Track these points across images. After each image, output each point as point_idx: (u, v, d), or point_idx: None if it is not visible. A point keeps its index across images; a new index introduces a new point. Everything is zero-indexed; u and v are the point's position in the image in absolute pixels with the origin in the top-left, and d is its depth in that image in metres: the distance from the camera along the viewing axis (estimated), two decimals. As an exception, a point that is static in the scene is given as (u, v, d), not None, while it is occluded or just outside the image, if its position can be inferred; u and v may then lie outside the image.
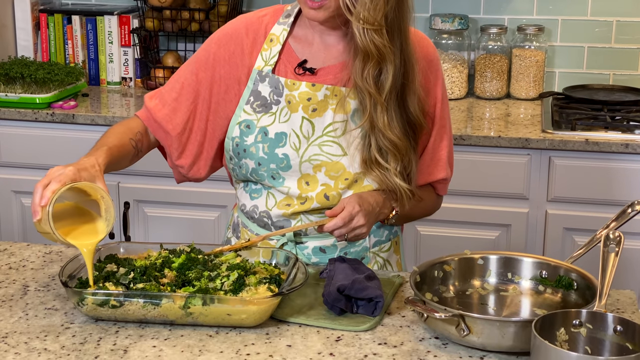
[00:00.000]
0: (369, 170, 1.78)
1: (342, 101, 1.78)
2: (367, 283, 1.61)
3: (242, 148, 1.82)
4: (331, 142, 1.79)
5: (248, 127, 1.82)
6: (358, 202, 1.75)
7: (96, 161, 1.68)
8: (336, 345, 1.52)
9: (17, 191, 3.25)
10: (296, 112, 1.80)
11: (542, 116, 3.08)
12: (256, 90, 1.83)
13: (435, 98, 1.84)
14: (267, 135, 1.81)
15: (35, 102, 3.15)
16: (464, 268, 1.69)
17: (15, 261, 1.87)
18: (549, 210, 2.91)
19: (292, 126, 1.80)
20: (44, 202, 1.56)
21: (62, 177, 1.59)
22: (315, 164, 1.80)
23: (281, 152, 1.80)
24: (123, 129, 1.86)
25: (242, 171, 1.84)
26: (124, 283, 1.59)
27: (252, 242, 1.76)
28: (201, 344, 1.52)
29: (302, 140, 1.80)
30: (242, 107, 1.83)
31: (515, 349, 1.47)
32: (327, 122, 1.80)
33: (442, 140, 1.87)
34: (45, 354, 1.49)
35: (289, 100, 1.80)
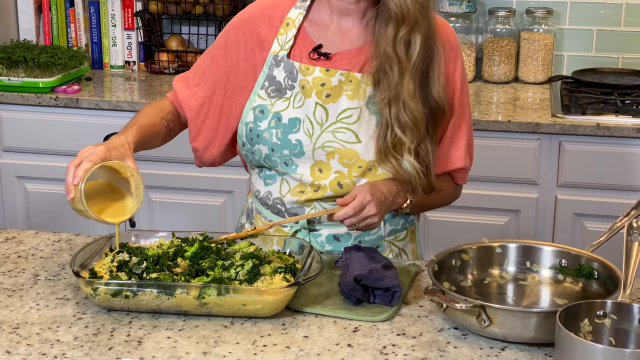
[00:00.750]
0: (384, 161, 1.74)
1: (357, 87, 1.75)
2: (384, 272, 1.59)
3: (256, 133, 1.79)
4: (345, 129, 1.76)
5: (262, 112, 1.80)
6: (370, 191, 1.72)
7: (126, 140, 1.70)
8: (354, 336, 1.49)
9: (21, 176, 3.21)
10: (310, 98, 1.77)
11: (551, 100, 3.04)
12: (271, 75, 1.80)
13: (454, 86, 1.81)
14: (281, 121, 1.78)
15: (39, 86, 3.12)
16: (482, 257, 1.66)
17: (24, 250, 1.84)
18: (559, 196, 2.88)
19: (306, 112, 1.77)
20: (76, 181, 1.59)
21: (93, 157, 1.62)
22: (328, 151, 1.77)
23: (294, 138, 1.77)
24: (154, 109, 1.88)
25: (255, 157, 1.81)
26: (137, 273, 1.56)
27: (261, 229, 1.73)
28: (216, 334, 1.49)
29: (316, 127, 1.77)
30: (257, 92, 1.81)
31: (537, 340, 1.44)
32: (341, 109, 1.77)
33: (461, 129, 1.84)
34: (58, 345, 1.46)
35: (303, 86, 1.77)
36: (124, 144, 1.69)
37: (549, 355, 1.43)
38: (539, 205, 2.90)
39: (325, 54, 1.78)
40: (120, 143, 1.69)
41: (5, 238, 1.90)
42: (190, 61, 3.43)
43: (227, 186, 3.08)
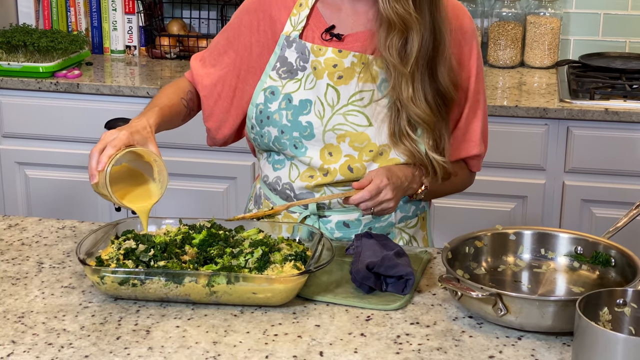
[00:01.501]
0: (397, 143, 1.71)
1: (369, 69, 1.71)
2: (397, 260, 1.55)
3: (266, 115, 1.76)
4: (356, 112, 1.73)
5: (272, 94, 1.76)
6: (386, 175, 1.69)
7: (147, 122, 1.68)
8: (367, 325, 1.46)
9: (21, 162, 3.17)
10: (321, 79, 1.73)
11: (558, 85, 3.00)
12: (283, 55, 1.76)
13: (469, 71, 1.77)
14: (292, 102, 1.74)
15: (39, 71, 3.07)
16: (496, 244, 1.63)
17: (28, 237, 1.80)
18: (567, 182, 2.85)
19: (317, 93, 1.73)
20: (100, 166, 1.58)
21: (116, 142, 1.60)
22: (339, 134, 1.73)
23: (305, 120, 1.73)
24: (173, 89, 1.86)
25: (264, 140, 1.77)
26: (144, 261, 1.53)
27: (276, 210, 1.70)
28: (226, 324, 1.46)
29: (327, 109, 1.73)
30: (268, 73, 1.77)
31: (554, 329, 1.41)
32: (352, 91, 1.73)
33: (476, 116, 1.80)
34: (64, 334, 1.43)
35: (315, 67, 1.73)
36: (146, 127, 1.66)
37: (566, 345, 1.40)
38: (546, 192, 2.86)
39: (338, 35, 1.74)
40: (142, 126, 1.66)
41: (9, 225, 1.86)
42: (192, 46, 3.39)
43: (231, 172, 3.04)
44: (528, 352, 1.39)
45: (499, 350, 1.39)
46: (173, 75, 3.18)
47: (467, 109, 1.79)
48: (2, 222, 1.88)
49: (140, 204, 1.64)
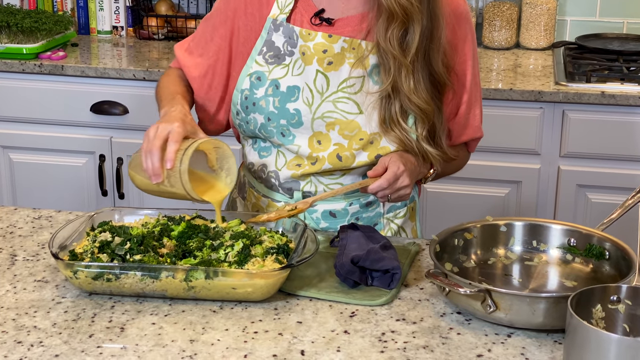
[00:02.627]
0: (388, 131, 1.65)
1: (361, 56, 1.64)
2: (383, 253, 1.49)
3: (252, 101, 1.69)
4: (346, 99, 1.66)
5: (259, 79, 1.69)
6: (401, 161, 1.64)
7: (185, 109, 1.60)
8: (350, 322, 1.40)
9: (5, 146, 3.11)
10: (310, 65, 1.66)
11: (554, 67, 2.94)
12: (270, 40, 1.69)
13: (464, 55, 1.70)
14: (279, 89, 1.67)
15: (22, 52, 3.00)
16: (486, 236, 1.57)
17: (2, 227, 1.74)
18: (562, 166, 2.79)
19: (306, 79, 1.67)
20: (169, 165, 1.50)
21: (176, 136, 1.51)
22: (328, 122, 1.67)
23: (292, 107, 1.67)
24: (174, 78, 1.77)
25: (250, 127, 1.71)
26: (119, 254, 1.47)
27: (300, 209, 1.62)
28: (204, 320, 1.40)
29: (316, 95, 1.66)
30: (254, 58, 1.70)
31: (545, 327, 1.35)
32: (343, 77, 1.66)
33: (477, 100, 1.77)
34: (34, 332, 1.37)
35: (304, 52, 1.66)
36: (187, 114, 1.58)
37: (558, 343, 1.35)
38: (541, 177, 2.80)
39: (327, 20, 1.67)
40: (183, 114, 1.57)
41: (-17, 215, 1.80)
42: (180, 26, 3.31)
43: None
44: (518, 350, 1.33)
45: (488, 348, 1.33)
46: (161, 57, 3.10)
47: (468, 94, 1.74)
48: (-24, 211, 1.82)
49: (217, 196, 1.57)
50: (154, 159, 1.50)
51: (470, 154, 1.90)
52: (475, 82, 1.76)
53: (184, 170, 1.50)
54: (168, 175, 1.51)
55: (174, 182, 1.52)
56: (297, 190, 1.72)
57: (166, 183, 1.53)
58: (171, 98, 1.65)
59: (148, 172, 1.52)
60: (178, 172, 1.50)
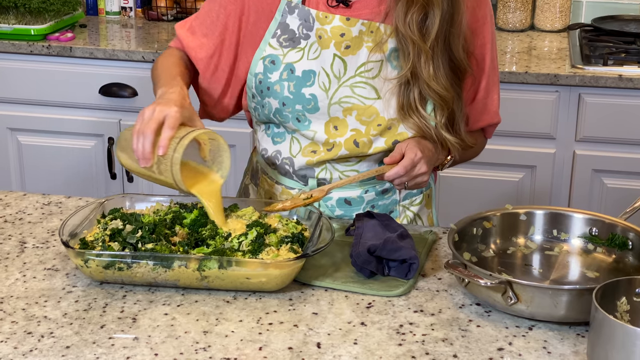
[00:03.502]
0: (406, 117, 1.61)
1: (379, 40, 1.60)
2: (400, 243, 1.46)
3: (266, 86, 1.65)
4: (364, 84, 1.62)
5: (273, 63, 1.64)
6: (419, 147, 1.60)
7: (184, 92, 1.53)
8: (367, 313, 1.37)
9: (13, 128, 3.08)
10: (327, 49, 1.61)
11: (570, 50, 2.89)
12: (284, 22, 1.64)
13: (483, 38, 1.66)
14: (294, 73, 1.63)
15: (30, 33, 2.96)
16: (506, 224, 1.53)
17: (11, 213, 1.71)
18: (577, 151, 2.74)
19: (322, 64, 1.62)
20: (161, 151, 1.43)
21: (173, 121, 1.44)
22: (345, 107, 1.63)
23: (308, 92, 1.62)
24: (173, 58, 1.69)
25: (265, 111, 1.67)
26: (131, 243, 1.44)
27: (315, 198, 1.57)
28: (218, 311, 1.37)
29: (333, 80, 1.62)
30: (268, 41, 1.65)
31: (568, 319, 1.32)
32: (360, 62, 1.62)
33: (495, 84, 1.72)
34: (45, 322, 1.34)
35: (320, 35, 1.62)
36: (185, 98, 1.51)
37: (581, 336, 1.31)
38: (556, 161, 2.76)
39: (345, 2, 1.62)
40: (182, 97, 1.50)
41: (-9, 200, 1.77)
42: (190, 7, 3.27)
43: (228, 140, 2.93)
44: (540, 343, 1.30)
45: (509, 341, 1.30)
46: (170, 38, 3.06)
47: (487, 79, 1.71)
48: (-15, 197, 1.79)
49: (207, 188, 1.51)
50: (146, 141, 1.44)
51: (487, 140, 1.85)
52: (494, 66, 1.72)
53: (176, 161, 1.43)
54: (158, 161, 1.45)
55: (164, 170, 1.45)
56: (311, 177, 1.68)
57: (154, 169, 1.46)
58: (171, 78, 1.59)
59: (137, 154, 1.45)
60: (170, 161, 1.43)
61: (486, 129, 1.80)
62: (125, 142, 1.52)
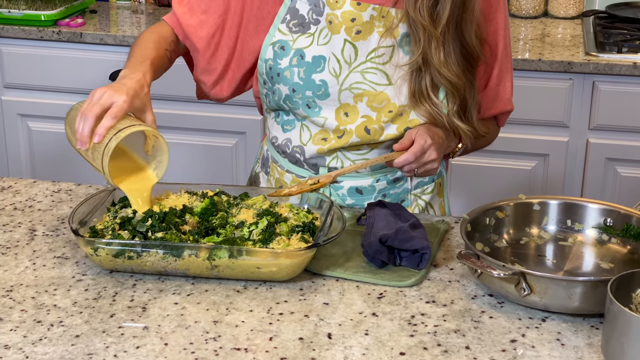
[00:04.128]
0: (417, 104, 1.59)
1: (390, 25, 1.58)
2: (412, 232, 1.44)
3: (276, 72, 1.63)
4: (375, 70, 1.60)
5: (282, 49, 1.62)
6: (429, 134, 1.58)
7: (145, 81, 1.51)
8: (379, 304, 1.36)
9: (24, 114, 3.07)
10: (338, 34, 1.60)
11: (584, 37, 2.86)
12: (293, 7, 1.62)
13: (496, 24, 1.64)
14: (304, 59, 1.61)
15: (40, 19, 2.95)
16: (519, 214, 1.52)
17: (20, 201, 1.70)
18: (591, 139, 2.72)
19: (332, 49, 1.60)
20: (97, 139, 1.42)
21: (117, 111, 1.43)
22: (356, 93, 1.61)
23: (319, 78, 1.61)
24: (157, 37, 1.64)
25: (275, 98, 1.65)
26: (141, 231, 1.43)
27: (322, 183, 1.56)
28: (228, 300, 1.36)
29: (343, 66, 1.60)
30: (277, 26, 1.63)
31: (582, 311, 1.30)
32: (371, 47, 1.60)
33: (508, 72, 1.70)
34: (54, 311, 1.33)
35: (330, 20, 1.60)
36: (144, 87, 1.49)
37: (595, 328, 1.30)
38: (569, 149, 2.74)
39: None
40: (140, 87, 1.48)
41: (1, 187, 1.76)
42: (200, -7, 3.24)
43: (239, 127, 2.93)
44: (553, 335, 1.28)
45: (522, 333, 1.29)
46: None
47: (499, 66, 1.69)
48: (-5, 184, 1.78)
49: (135, 185, 1.49)
50: (85, 125, 1.43)
51: (500, 128, 1.83)
52: (507, 52, 1.70)
53: (107, 152, 1.41)
54: (93, 147, 1.44)
55: (96, 157, 1.44)
56: (322, 166, 1.67)
57: (89, 154, 1.46)
58: (139, 62, 1.55)
59: (77, 134, 1.44)
60: (102, 151, 1.42)
61: (499, 117, 1.78)
62: (72, 116, 1.52)
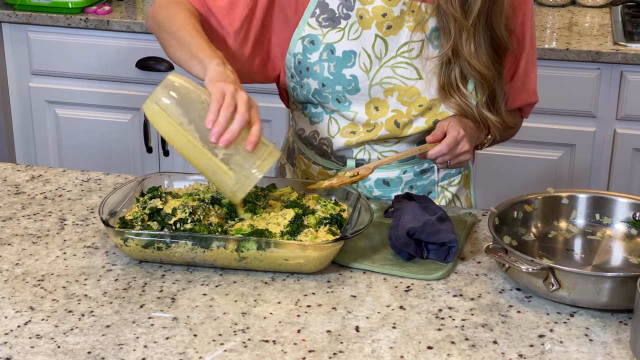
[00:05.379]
0: (447, 97, 1.59)
1: (420, 18, 1.58)
2: (440, 225, 1.44)
3: (305, 66, 1.63)
4: (405, 64, 1.60)
5: (312, 43, 1.62)
6: (461, 125, 1.58)
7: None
8: (406, 297, 1.36)
9: (51, 101, 3.09)
10: (369, 29, 1.59)
11: (612, 26, 2.83)
12: (323, 2, 1.61)
13: (524, 15, 1.63)
14: (334, 54, 1.61)
15: (68, 6, 2.96)
16: (547, 208, 1.51)
17: (50, 190, 1.72)
18: (618, 130, 2.70)
19: (363, 44, 1.60)
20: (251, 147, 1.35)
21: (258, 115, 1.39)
22: (386, 88, 1.61)
23: (349, 73, 1.61)
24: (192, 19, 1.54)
25: (304, 91, 1.65)
26: (169, 223, 1.43)
27: (362, 175, 1.56)
28: (256, 292, 1.37)
29: (374, 61, 1.60)
30: (307, 20, 1.62)
31: (611, 306, 1.30)
32: (402, 42, 1.60)
33: (534, 63, 1.70)
34: (85, 301, 1.35)
35: (361, 15, 1.60)
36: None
37: (623, 323, 1.29)
38: (596, 140, 2.72)
39: None
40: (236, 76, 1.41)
41: (31, 176, 1.78)
42: (227, -20, 3.24)
43: (265, 115, 2.93)
44: (581, 331, 1.28)
45: (550, 328, 1.29)
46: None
47: (526, 57, 1.68)
48: (25, 172, 1.80)
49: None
50: (236, 124, 1.33)
51: (524, 119, 1.83)
52: (532, 44, 1.69)
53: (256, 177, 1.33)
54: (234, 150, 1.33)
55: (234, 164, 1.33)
56: (350, 158, 1.67)
57: (218, 152, 1.35)
58: (213, 50, 1.46)
59: (217, 127, 1.33)
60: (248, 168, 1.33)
61: (523, 108, 1.78)
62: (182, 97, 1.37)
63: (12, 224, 1.58)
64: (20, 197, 1.68)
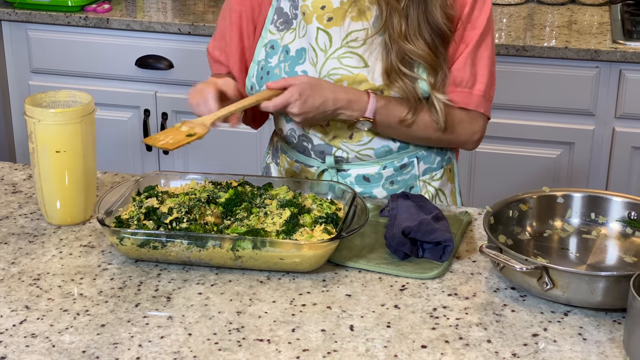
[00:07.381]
0: (392, 82, 1.60)
1: (362, 7, 1.60)
2: (435, 225, 1.45)
3: (266, 70, 1.67)
4: (351, 54, 1.62)
5: (272, 48, 1.67)
6: (301, 91, 1.55)
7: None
8: (401, 296, 1.36)
9: (51, 100, 3.09)
10: (311, 24, 1.63)
11: (611, 24, 2.83)
12: (279, 7, 1.68)
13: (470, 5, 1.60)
14: (289, 54, 1.65)
15: (68, 5, 2.97)
16: (543, 207, 1.51)
17: (47, 189, 1.72)
18: (617, 128, 2.70)
19: (309, 40, 1.64)
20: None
21: None
22: (335, 79, 1.63)
23: (300, 70, 1.64)
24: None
25: None
26: (165, 222, 1.44)
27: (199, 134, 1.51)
28: (251, 291, 1.37)
29: (319, 54, 1.63)
30: (268, 28, 1.68)
31: (604, 305, 1.30)
32: (345, 32, 1.62)
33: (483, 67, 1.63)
34: (80, 300, 1.35)
35: (304, 12, 1.64)
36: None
37: (617, 322, 1.30)
38: (594, 138, 2.72)
39: None
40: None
41: (29, 175, 1.78)
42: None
43: (264, 113, 2.93)
44: (575, 330, 1.28)
45: (544, 327, 1.29)
46: (206, 10, 3.05)
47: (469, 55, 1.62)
48: (21, 171, 1.80)
49: None
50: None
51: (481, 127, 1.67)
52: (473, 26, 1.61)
53: None
54: None
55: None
56: (329, 154, 1.68)
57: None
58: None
59: None
60: None
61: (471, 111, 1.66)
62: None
63: (8, 222, 1.58)
64: (17, 196, 1.69)
